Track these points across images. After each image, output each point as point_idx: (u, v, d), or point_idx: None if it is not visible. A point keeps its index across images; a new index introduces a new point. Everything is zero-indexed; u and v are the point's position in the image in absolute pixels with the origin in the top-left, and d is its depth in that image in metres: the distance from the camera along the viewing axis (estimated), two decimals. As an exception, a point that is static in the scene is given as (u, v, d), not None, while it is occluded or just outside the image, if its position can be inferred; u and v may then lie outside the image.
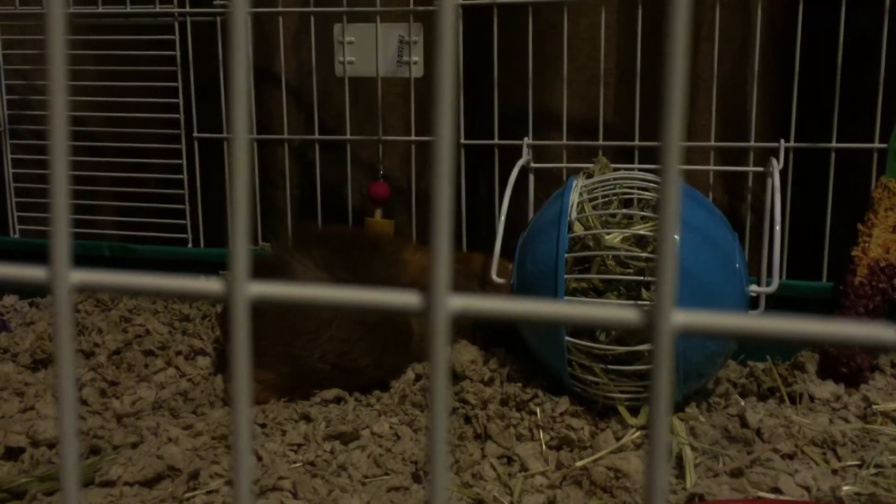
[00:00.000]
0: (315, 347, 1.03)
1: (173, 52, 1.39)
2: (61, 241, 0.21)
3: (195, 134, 1.41)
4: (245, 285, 0.20)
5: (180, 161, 1.42)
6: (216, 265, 1.39)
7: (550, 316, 0.18)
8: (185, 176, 1.42)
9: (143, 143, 1.44)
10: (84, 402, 1.05)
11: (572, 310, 0.18)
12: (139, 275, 0.22)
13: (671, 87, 0.16)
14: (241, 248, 0.20)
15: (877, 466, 0.87)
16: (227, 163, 1.40)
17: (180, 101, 1.40)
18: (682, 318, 0.17)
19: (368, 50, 1.35)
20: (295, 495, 0.85)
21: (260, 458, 0.91)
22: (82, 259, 1.41)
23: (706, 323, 0.17)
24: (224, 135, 1.41)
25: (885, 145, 1.14)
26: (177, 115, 1.41)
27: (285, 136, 1.40)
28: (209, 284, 0.21)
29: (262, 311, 1.04)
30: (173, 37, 1.38)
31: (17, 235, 1.52)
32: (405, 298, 0.19)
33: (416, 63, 1.35)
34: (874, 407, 0.99)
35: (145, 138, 1.44)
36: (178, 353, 1.18)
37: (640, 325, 0.17)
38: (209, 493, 0.85)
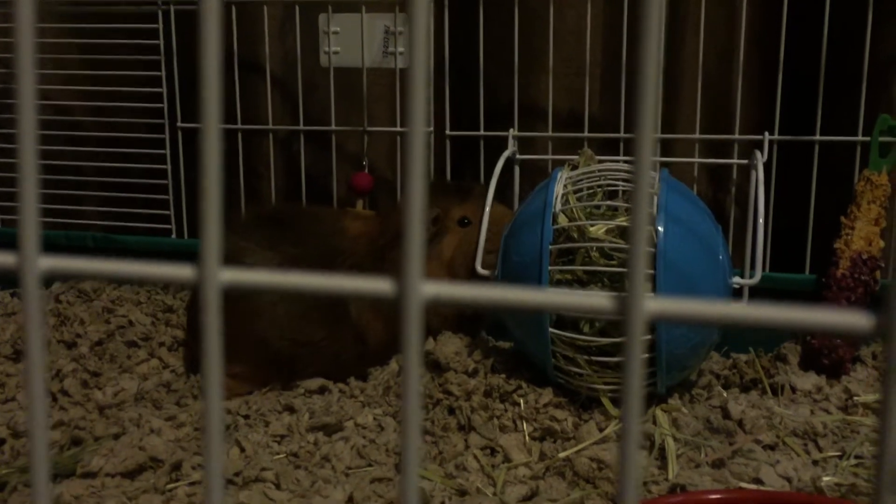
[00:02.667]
0: (275, 327, 1.04)
1: (157, 42, 1.38)
2: (30, 226, 0.21)
3: (179, 124, 1.40)
4: (216, 271, 0.20)
5: (164, 151, 1.41)
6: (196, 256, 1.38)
7: (524, 303, 0.18)
8: (168, 166, 1.41)
9: (127, 132, 1.43)
10: (66, 394, 1.04)
11: (546, 297, 0.18)
12: (110, 261, 0.22)
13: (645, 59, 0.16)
14: (212, 233, 0.20)
15: (857, 457, 0.88)
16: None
17: (164, 90, 1.39)
18: (654, 304, 0.17)
19: (354, 40, 1.34)
20: (278, 486, 0.84)
21: (243, 450, 0.91)
22: (66, 249, 1.40)
23: (678, 310, 0.17)
24: (208, 125, 1.40)
25: (868, 138, 1.14)
26: (161, 105, 1.40)
27: (270, 126, 1.39)
28: (180, 270, 0.21)
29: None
30: (157, 26, 1.37)
31: (-2, 225, 1.50)
32: (378, 285, 0.19)
33: (401, 54, 1.35)
34: (855, 398, 1.00)
35: (129, 128, 1.43)
36: (161, 344, 1.18)
37: (614, 311, 0.17)
38: (192, 484, 0.85)
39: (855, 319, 0.17)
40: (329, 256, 1.08)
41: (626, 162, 1.13)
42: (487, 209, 1.14)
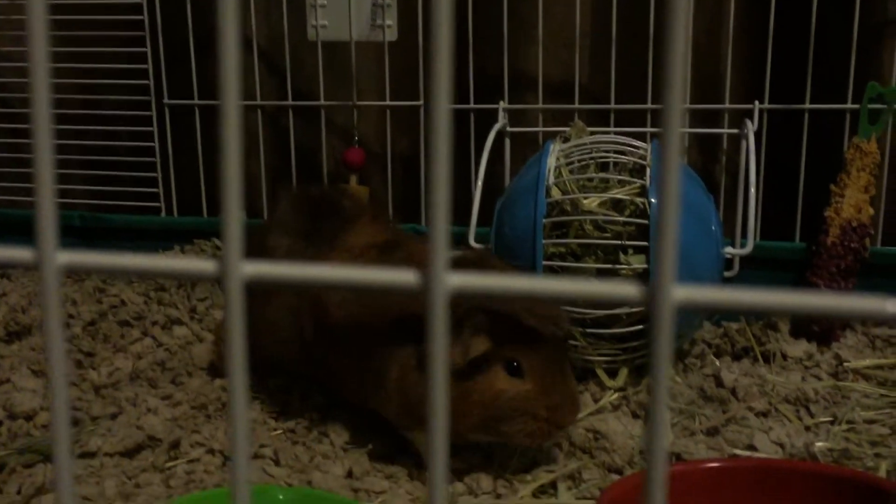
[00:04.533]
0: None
1: (141, 17, 1.36)
2: (48, 221, 0.21)
3: (165, 100, 1.39)
4: (239, 265, 0.20)
5: (151, 128, 1.40)
6: (189, 234, 1.37)
7: (549, 292, 0.18)
8: (156, 143, 1.40)
9: (112, 110, 1.41)
10: (60, 374, 1.04)
11: (572, 286, 0.18)
12: (128, 256, 0.22)
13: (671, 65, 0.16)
14: (233, 226, 0.20)
15: (849, 422, 0.89)
16: (199, 130, 1.39)
17: (150, 66, 1.37)
18: (682, 293, 0.17)
19: (341, 13, 1.33)
20: (277, 462, 0.85)
21: (241, 427, 0.91)
22: (53, 229, 1.39)
23: (706, 298, 0.17)
24: (195, 101, 1.39)
25: (857, 106, 1.15)
26: (146, 82, 1.38)
27: (258, 101, 1.38)
28: (202, 264, 0.21)
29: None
30: (141, 1, 1.35)
31: (-16, 206, 1.49)
32: (402, 277, 0.19)
33: (389, 26, 1.34)
34: (845, 364, 1.01)
35: (114, 105, 1.41)
36: (155, 322, 1.17)
37: (641, 300, 0.17)
38: (190, 461, 0.85)
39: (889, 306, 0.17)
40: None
41: (617, 133, 1.13)
42: (479, 183, 1.14)
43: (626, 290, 0.17)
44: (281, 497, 0.65)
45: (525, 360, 0.78)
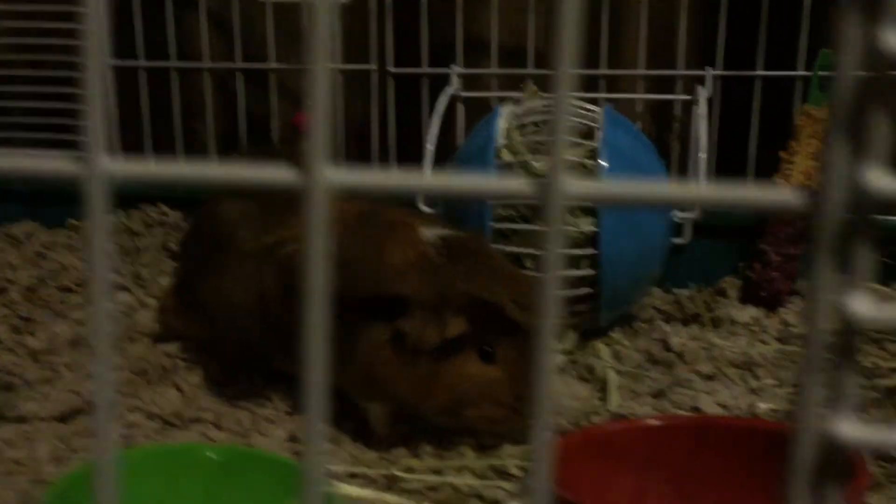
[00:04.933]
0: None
1: (83, -27, 1.31)
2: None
3: (110, 62, 1.34)
4: (101, 162, 0.18)
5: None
6: (135, 199, 1.34)
7: (437, 188, 0.17)
8: (100, 105, 1.35)
9: (57, 70, 1.36)
10: (-4, 339, 1.01)
11: (459, 182, 0.17)
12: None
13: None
14: (95, 119, 0.18)
15: (793, 385, 0.89)
16: (146, 93, 1.35)
17: (92, 25, 1.33)
18: (575, 186, 0.16)
19: (291, -27, 1.30)
20: (218, 426, 0.83)
21: (181, 391, 0.89)
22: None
23: (598, 191, 0.16)
24: (141, 62, 1.35)
25: (809, 73, 1.15)
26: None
27: (205, 64, 1.34)
28: (61, 164, 0.19)
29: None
30: (82, -44, 1.30)
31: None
32: (280, 175, 0.18)
33: (341, -13, 1.30)
34: (792, 329, 1.02)
35: (57, 66, 1.36)
36: (97, 288, 1.14)
37: (535, 195, 0.16)
38: (129, 427, 0.83)
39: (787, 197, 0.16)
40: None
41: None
42: (430, 147, 1.12)
43: (519, 184, 0.16)
44: (214, 456, 0.63)
45: (500, 348, 0.77)
